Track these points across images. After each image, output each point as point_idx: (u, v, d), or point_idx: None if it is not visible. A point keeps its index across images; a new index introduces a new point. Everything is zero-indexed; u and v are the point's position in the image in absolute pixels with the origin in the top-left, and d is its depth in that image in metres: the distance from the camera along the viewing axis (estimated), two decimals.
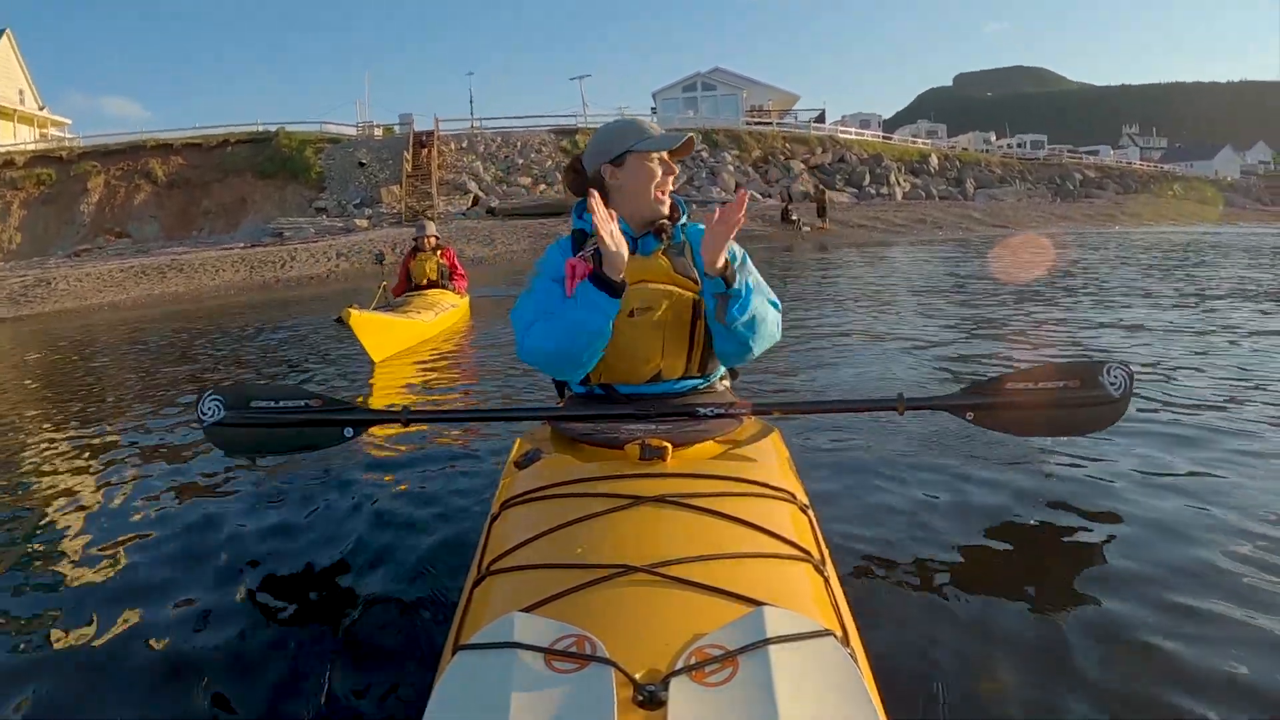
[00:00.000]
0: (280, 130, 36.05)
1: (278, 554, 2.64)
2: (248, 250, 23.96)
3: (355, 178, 33.00)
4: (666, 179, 2.18)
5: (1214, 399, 4.16)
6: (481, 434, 3.92)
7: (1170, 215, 44.38)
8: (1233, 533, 2.53)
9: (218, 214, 32.53)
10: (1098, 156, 66.00)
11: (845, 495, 2.99)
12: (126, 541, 2.79)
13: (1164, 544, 2.47)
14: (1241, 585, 2.20)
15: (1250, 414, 3.86)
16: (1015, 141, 70.51)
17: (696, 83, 49.12)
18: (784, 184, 36.34)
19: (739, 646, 1.03)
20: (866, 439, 3.68)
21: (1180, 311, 7.56)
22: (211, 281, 19.36)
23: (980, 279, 11.95)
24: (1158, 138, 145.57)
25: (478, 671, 1.04)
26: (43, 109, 43.97)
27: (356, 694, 1.85)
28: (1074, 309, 8.15)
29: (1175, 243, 20.98)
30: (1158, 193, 54.66)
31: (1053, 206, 43.30)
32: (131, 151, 34.48)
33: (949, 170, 45.62)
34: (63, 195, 32.30)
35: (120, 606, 2.29)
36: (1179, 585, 2.21)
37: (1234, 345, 5.69)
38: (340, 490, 3.19)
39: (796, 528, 1.57)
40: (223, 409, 2.46)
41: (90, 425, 4.92)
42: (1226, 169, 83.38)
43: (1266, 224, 41.49)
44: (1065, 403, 2.43)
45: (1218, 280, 10.37)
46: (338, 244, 23.82)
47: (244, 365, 7.06)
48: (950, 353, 5.99)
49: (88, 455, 4.14)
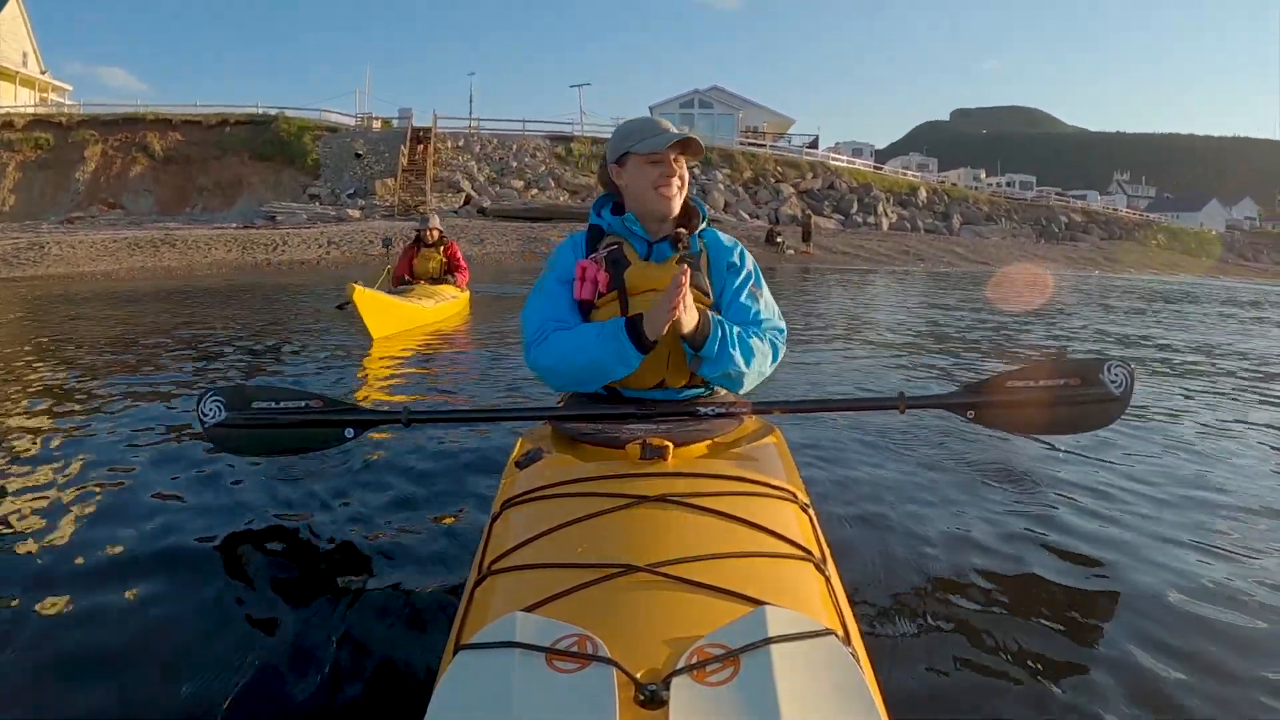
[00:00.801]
0: (280, 115, 36.33)
1: (277, 553, 2.64)
2: (240, 230, 24.19)
3: (351, 167, 33.30)
4: (666, 180, 2.13)
5: (1214, 399, 4.27)
6: (482, 434, 3.94)
7: (1152, 264, 44.83)
8: (1233, 532, 2.61)
9: (212, 192, 32.78)
10: (1085, 201, 66.42)
11: (846, 495, 2.99)
12: (123, 541, 2.71)
13: (1164, 544, 2.52)
14: (1242, 585, 2.24)
15: (1250, 414, 3.99)
16: (1005, 180, 71.41)
17: (694, 99, 49.41)
18: (772, 206, 36.92)
19: (740, 646, 1.04)
20: (867, 438, 3.70)
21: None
22: (204, 259, 19.55)
23: (955, 308, 12.35)
24: (1146, 186, 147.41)
25: (479, 671, 1.05)
26: (44, 73, 44.05)
27: (357, 694, 1.86)
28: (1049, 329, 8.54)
29: (1155, 290, 21.34)
30: (1142, 241, 55.03)
31: (1036, 247, 43.63)
32: (130, 123, 34.69)
33: (937, 204, 46.08)
34: (59, 161, 32.50)
35: (116, 606, 2.26)
36: (1179, 585, 2.23)
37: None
38: (340, 490, 3.18)
39: (798, 527, 1.58)
40: (223, 410, 2.46)
41: (84, 409, 4.65)
42: (1212, 222, 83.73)
43: (1247, 279, 41.80)
44: (1066, 400, 2.41)
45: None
46: (329, 231, 24.11)
47: (241, 351, 6.97)
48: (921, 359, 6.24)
49: (76, 440, 3.95)
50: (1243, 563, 2.41)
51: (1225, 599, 2.17)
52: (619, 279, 2.11)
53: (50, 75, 44.53)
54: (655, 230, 2.21)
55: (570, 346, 2.07)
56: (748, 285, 2.25)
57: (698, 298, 2.11)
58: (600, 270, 2.11)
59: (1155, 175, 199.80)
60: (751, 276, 2.27)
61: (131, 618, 2.20)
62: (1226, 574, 2.33)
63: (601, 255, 2.14)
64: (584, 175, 35.05)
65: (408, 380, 5.86)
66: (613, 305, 2.11)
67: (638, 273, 2.12)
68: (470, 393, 5.31)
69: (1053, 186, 76.39)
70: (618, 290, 2.11)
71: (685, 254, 2.17)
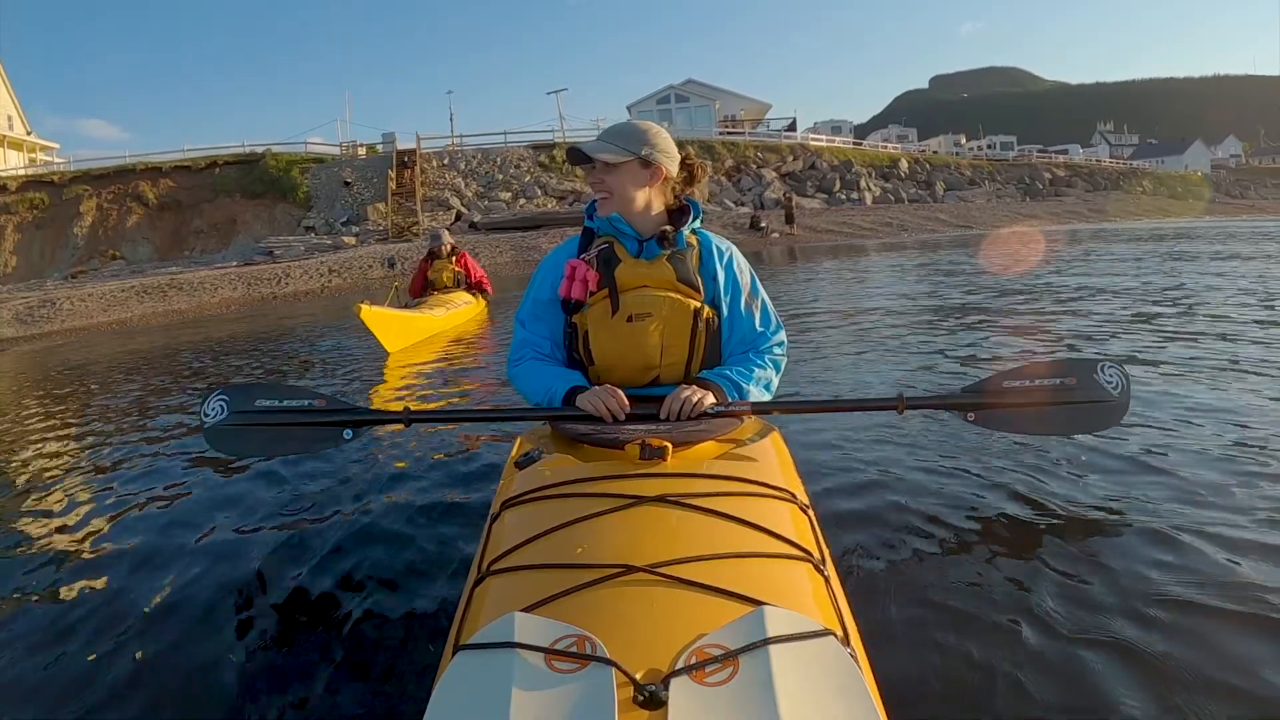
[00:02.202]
0: (268, 151, 36.96)
1: (277, 554, 2.66)
2: (242, 268, 24.72)
3: (341, 197, 33.85)
4: (592, 185, 2.25)
5: (1211, 398, 4.18)
6: (482, 434, 3.94)
7: (1136, 211, 44.99)
8: (1232, 532, 2.58)
9: (209, 234, 33.27)
10: (1067, 155, 66.51)
11: (846, 495, 3.01)
12: (123, 540, 2.77)
13: (1164, 544, 2.51)
14: (1242, 585, 2.23)
15: (1249, 415, 3.90)
16: (986, 143, 71.47)
17: (670, 95, 49.97)
18: (756, 192, 37.45)
19: (740, 646, 1.04)
20: (867, 438, 3.72)
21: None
22: (212, 298, 20.05)
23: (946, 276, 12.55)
24: (1129, 134, 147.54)
25: (478, 671, 1.06)
26: (30, 134, 44.43)
27: (357, 694, 1.86)
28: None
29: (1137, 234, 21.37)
30: (1128, 189, 55.47)
31: (1021, 206, 44.03)
32: (121, 175, 35.28)
33: (919, 174, 46.54)
34: (56, 219, 33.05)
35: (116, 606, 2.29)
36: (1179, 586, 2.23)
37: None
38: (340, 490, 3.20)
39: (797, 527, 1.58)
40: (227, 409, 2.45)
41: (91, 435, 5.00)
42: (1197, 163, 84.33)
43: (1234, 217, 41.82)
44: (1065, 400, 2.39)
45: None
46: (329, 261, 24.64)
47: (258, 372, 7.19)
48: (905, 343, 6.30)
49: (91, 462, 4.17)
50: (1253, 558, 2.38)
51: (1233, 596, 2.15)
52: (609, 277, 2.18)
53: (36, 135, 44.95)
54: (643, 229, 2.26)
55: (529, 386, 2.25)
56: (742, 297, 2.31)
57: (686, 293, 2.19)
58: (590, 270, 2.17)
59: (1137, 123, 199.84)
60: (747, 288, 2.33)
61: (131, 618, 2.22)
62: (1235, 571, 2.30)
63: (593, 255, 2.20)
64: (569, 180, 35.59)
65: (410, 382, 5.94)
66: (604, 303, 2.18)
67: (628, 270, 2.19)
68: (470, 393, 5.32)
69: (1036, 144, 76.49)
70: (608, 287, 2.18)
71: (674, 251, 2.23)
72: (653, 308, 2.14)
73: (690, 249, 2.25)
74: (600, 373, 2.21)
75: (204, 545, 2.71)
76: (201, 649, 2.06)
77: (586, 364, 2.24)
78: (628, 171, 2.20)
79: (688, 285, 2.19)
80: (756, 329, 2.32)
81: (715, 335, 2.24)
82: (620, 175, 2.20)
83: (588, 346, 2.21)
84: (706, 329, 2.19)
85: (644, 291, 2.15)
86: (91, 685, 1.92)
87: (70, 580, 2.54)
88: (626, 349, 2.17)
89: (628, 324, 2.14)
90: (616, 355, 2.18)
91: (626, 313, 2.14)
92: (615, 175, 2.20)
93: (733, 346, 2.30)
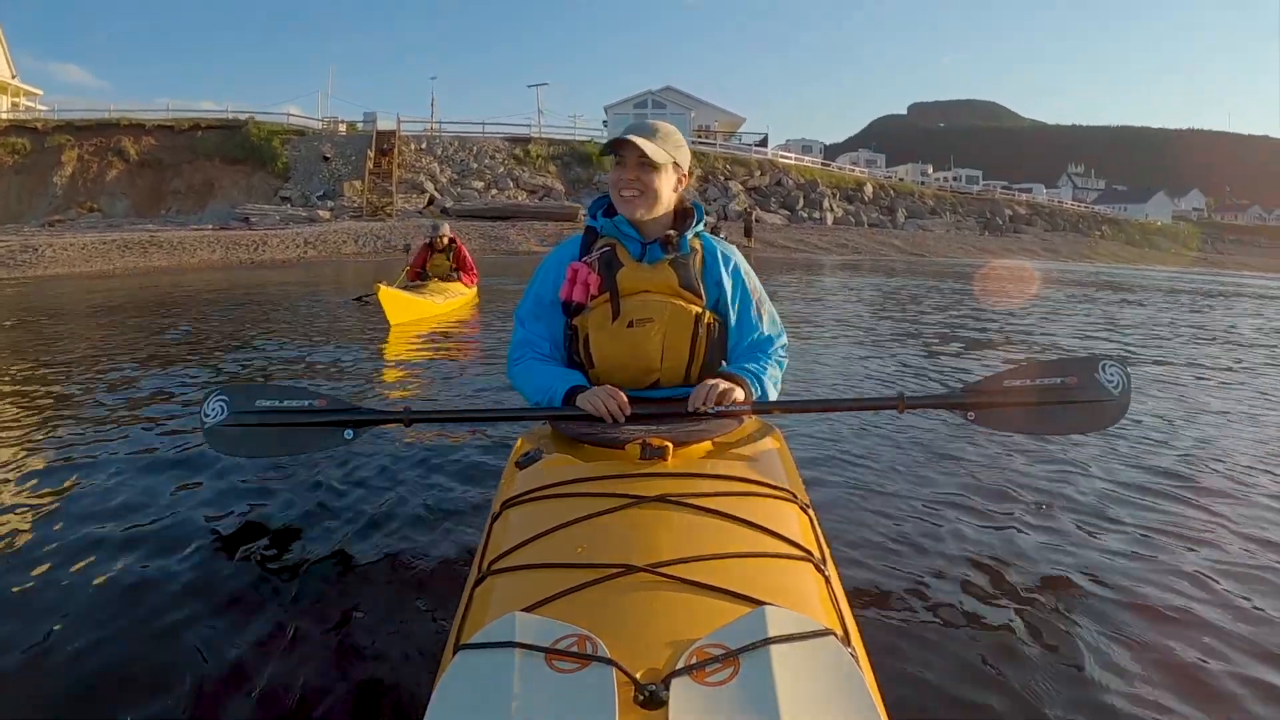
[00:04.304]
0: (250, 119, 37.52)
1: (277, 553, 2.63)
2: (221, 232, 25.31)
3: (319, 171, 34.54)
4: (626, 184, 2.14)
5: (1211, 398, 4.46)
6: (482, 434, 3.93)
7: (1089, 255, 46.51)
8: (1232, 531, 2.64)
9: (186, 195, 33.81)
10: (1030, 194, 67.69)
11: (846, 494, 3.00)
12: (123, 540, 2.71)
13: (1164, 543, 2.53)
14: (1247, 590, 2.25)
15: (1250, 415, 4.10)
16: (952, 175, 72.80)
17: (648, 99, 50.70)
18: (721, 204, 38.62)
19: (740, 646, 1.03)
20: (867, 438, 3.71)
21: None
22: (191, 259, 20.62)
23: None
24: (1096, 179, 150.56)
25: (479, 671, 1.05)
26: (14, 78, 43.88)
27: (357, 694, 1.86)
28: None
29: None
30: (1086, 232, 57.17)
31: (978, 240, 45.57)
32: (104, 128, 35.67)
33: (882, 199, 47.93)
34: (37, 166, 33.42)
35: (116, 605, 2.26)
36: (1179, 586, 2.26)
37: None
38: (340, 490, 3.18)
39: (797, 527, 1.57)
40: (227, 409, 2.43)
41: (89, 404, 4.69)
42: (1158, 213, 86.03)
43: (1184, 268, 42.84)
44: (1065, 399, 2.35)
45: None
46: (305, 233, 25.44)
47: (248, 348, 7.05)
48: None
49: (81, 442, 3.91)
50: (1250, 567, 2.41)
51: (1229, 603, 2.18)
52: (611, 281, 2.14)
53: (20, 80, 44.38)
54: (648, 231, 2.21)
55: (529, 386, 2.20)
56: (752, 302, 2.31)
57: (688, 299, 2.16)
58: (592, 273, 2.13)
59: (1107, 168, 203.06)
60: (756, 292, 2.33)
61: (131, 618, 2.19)
62: (1232, 577, 2.33)
63: (594, 257, 2.15)
64: (541, 176, 36.67)
65: (410, 380, 5.93)
66: (604, 307, 2.14)
67: (630, 274, 2.14)
68: (471, 393, 5.31)
69: (1006, 180, 77.78)
70: (609, 291, 2.13)
71: (677, 256, 2.18)
72: (654, 313, 2.11)
73: (694, 254, 2.23)
74: (600, 375, 2.18)
75: (201, 545, 2.66)
76: (198, 649, 2.03)
77: (587, 366, 2.21)
78: (666, 173, 2.17)
79: (690, 291, 2.17)
80: (765, 332, 2.32)
81: (716, 340, 2.22)
82: (661, 176, 2.15)
83: (588, 350, 2.18)
84: (707, 335, 2.17)
85: (645, 297, 2.13)
86: (85, 685, 1.90)
87: (60, 580, 2.44)
88: (626, 353, 2.14)
89: (628, 329, 2.11)
90: (616, 359, 2.16)
91: (627, 318, 2.11)
92: (656, 175, 2.14)
93: (742, 349, 2.29)
